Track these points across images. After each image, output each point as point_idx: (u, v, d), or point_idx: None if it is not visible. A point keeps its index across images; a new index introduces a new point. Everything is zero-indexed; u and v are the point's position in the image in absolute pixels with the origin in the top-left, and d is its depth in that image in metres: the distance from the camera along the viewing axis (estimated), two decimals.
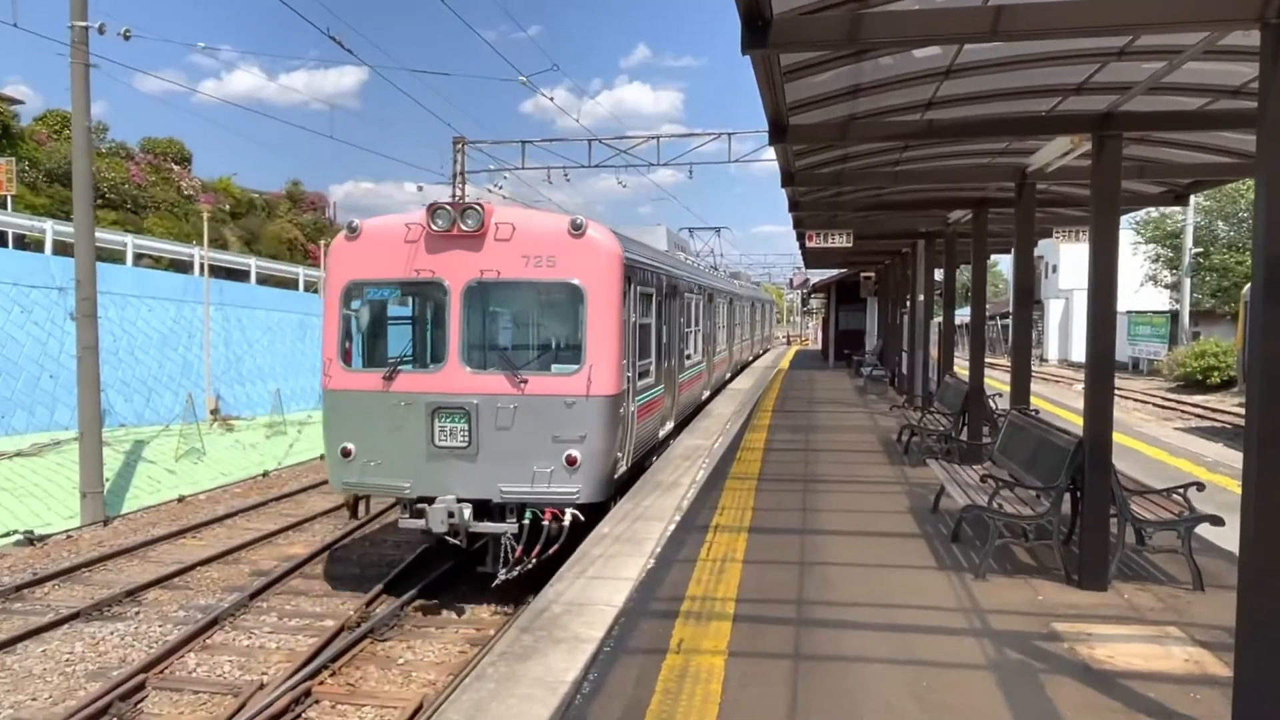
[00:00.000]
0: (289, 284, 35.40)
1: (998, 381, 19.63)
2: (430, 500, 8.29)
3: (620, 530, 7.44)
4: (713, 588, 5.96)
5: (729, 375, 21.06)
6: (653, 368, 10.63)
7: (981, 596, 5.83)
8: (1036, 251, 38.93)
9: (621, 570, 6.36)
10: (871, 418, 15.16)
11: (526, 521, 8.26)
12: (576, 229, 8.34)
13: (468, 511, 8.16)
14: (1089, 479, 5.94)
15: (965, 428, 10.67)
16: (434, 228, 8.36)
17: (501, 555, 8.27)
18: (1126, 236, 40.01)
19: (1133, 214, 36.20)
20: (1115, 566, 6.08)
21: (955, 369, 12.89)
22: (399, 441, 8.38)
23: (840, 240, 13.57)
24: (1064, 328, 46.97)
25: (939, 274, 20.43)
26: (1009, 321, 9.64)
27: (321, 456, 19.01)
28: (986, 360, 12.25)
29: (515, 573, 8.22)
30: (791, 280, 64.41)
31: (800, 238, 15.29)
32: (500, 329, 8.95)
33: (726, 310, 20.03)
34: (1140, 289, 41.94)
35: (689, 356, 13.93)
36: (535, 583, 7.46)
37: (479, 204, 8.43)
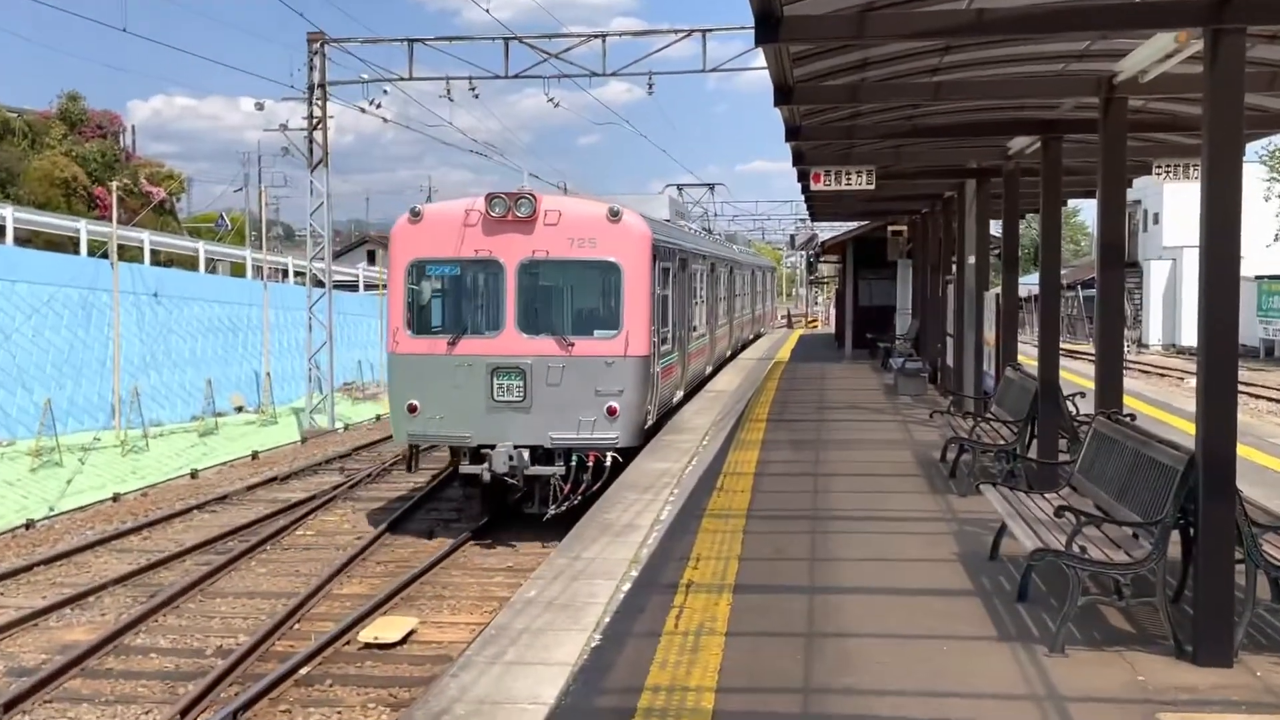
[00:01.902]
0: (65, 245, 34.54)
1: (1078, 376, 19.96)
2: (490, 447, 13.60)
3: (553, 593, 7.40)
4: (684, 673, 5.96)
5: (729, 353, 27.26)
6: (669, 336, 16.35)
7: (1060, 678, 5.91)
8: (1131, 194, 39.41)
9: (554, 651, 6.33)
10: (905, 428, 15.30)
11: (573, 464, 13.62)
12: (614, 215, 13.94)
13: (526, 455, 13.55)
14: (1205, 510, 6.05)
15: (1034, 441, 10.84)
16: (491, 213, 13.81)
17: (550, 495, 13.60)
18: (1254, 174, 41.01)
19: (1262, 140, 37.12)
20: (1244, 632, 6.20)
21: (1020, 359, 13.08)
22: (461, 397, 13.79)
23: (858, 181, 13.66)
24: (1170, 300, 47.92)
25: (996, 227, 20.72)
26: (1093, 292, 9.78)
27: (115, 497, 18.68)
28: (1063, 346, 12.42)
29: (563, 508, 13.37)
30: (793, 238, 64.85)
31: (803, 177, 15.36)
32: (550, 300, 14.46)
33: (727, 280, 25.98)
34: (1275, 245, 43.03)
35: (695, 328, 19.69)
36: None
37: (531, 193, 14.02)
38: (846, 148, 13.83)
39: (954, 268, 18.15)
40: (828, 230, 53.03)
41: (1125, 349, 35.57)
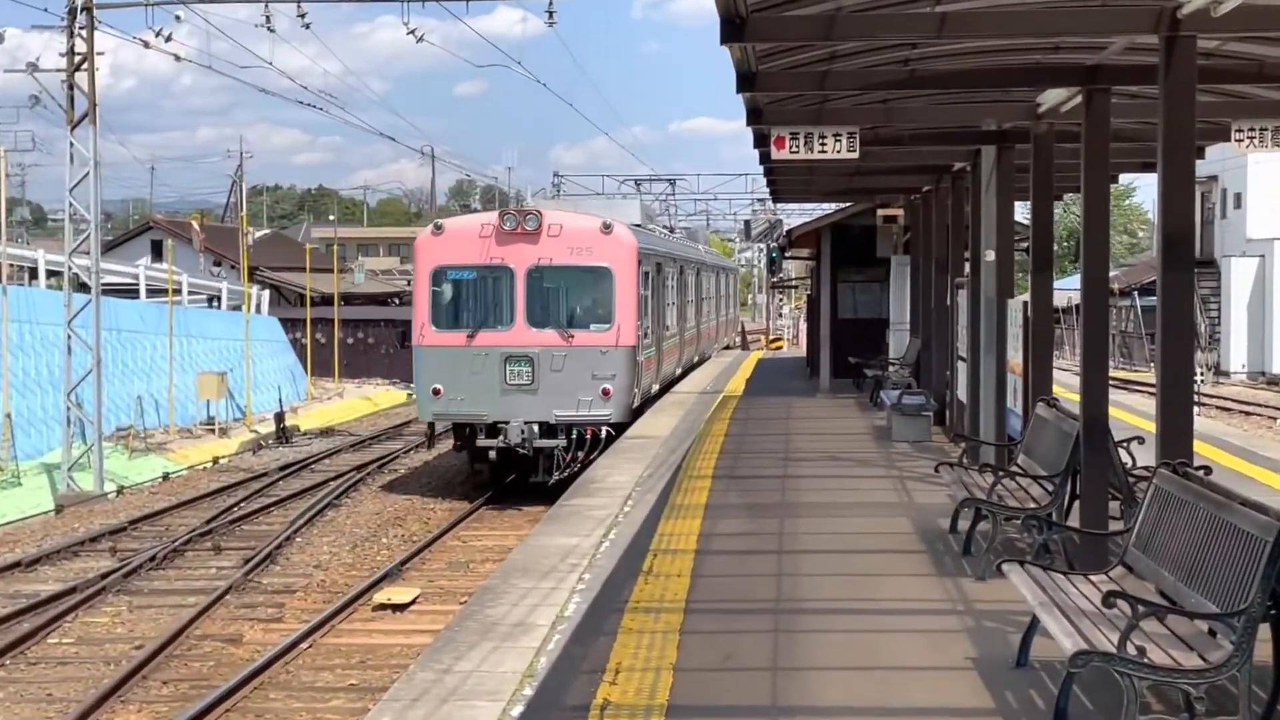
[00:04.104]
0: None
1: (1134, 414, 20.31)
2: (504, 423, 22.51)
3: None
4: None
5: (696, 359, 37.71)
6: (649, 332, 25.94)
7: None
8: (1204, 168, 39.37)
9: None
10: (901, 486, 15.45)
11: (574, 437, 22.57)
12: (607, 228, 23.63)
13: (536, 428, 22.50)
14: None
15: (1075, 503, 11.00)
16: (503, 227, 23.20)
17: (554, 463, 22.60)
18: None
19: None
20: None
21: (1055, 391, 13.29)
22: (478, 382, 22.84)
23: (836, 147, 13.82)
24: (1257, 310, 48.81)
25: (1023, 212, 20.98)
26: (1154, 300, 9.94)
27: None
28: (1114, 374, 12.58)
29: (566, 474, 21.43)
30: (747, 225, 65.35)
31: (761, 142, 15.51)
32: (553, 299, 23.81)
33: (694, 282, 36.61)
34: None
35: (668, 328, 30.10)
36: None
37: (537, 210, 24.21)
38: (819, 102, 13.97)
39: (967, 267, 18.41)
40: (796, 215, 53.41)
41: (1198, 377, 36.17)
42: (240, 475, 28.86)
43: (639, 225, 28.84)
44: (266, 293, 55.89)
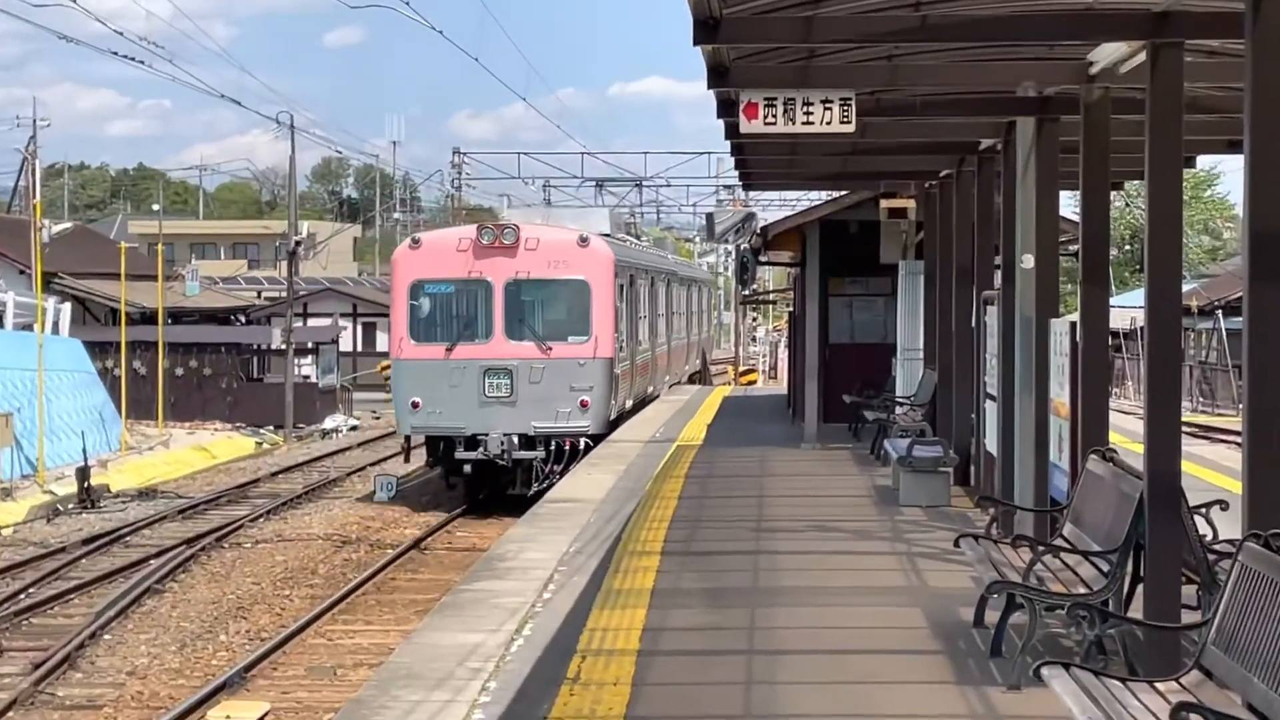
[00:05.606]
0: None
1: (1215, 472, 20.45)
2: (484, 435, 31.90)
3: None
4: None
5: (669, 381, 46.83)
6: (624, 344, 36.77)
7: None
8: None
9: None
10: (910, 565, 15.51)
11: (552, 449, 32.63)
12: (583, 241, 33.88)
13: (515, 440, 31.90)
14: None
15: (1137, 586, 11.06)
16: (481, 241, 33.05)
17: (533, 474, 32.25)
18: None
19: None
20: None
21: (1112, 440, 13.40)
22: (457, 395, 32.42)
23: (826, 117, 13.90)
24: None
25: (1071, 204, 21.09)
26: (1240, 321, 9.94)
27: None
28: (1190, 418, 12.52)
29: (545, 484, 29.08)
30: (710, 220, 65.41)
31: (727, 110, 15.56)
32: (531, 312, 34.28)
33: (665, 295, 45.87)
34: None
35: (640, 343, 39.62)
36: None
37: (515, 225, 34.29)
38: (804, 57, 14.05)
39: (998, 276, 18.51)
40: (775, 207, 53.64)
41: None
42: (29, 551, 28.60)
43: (609, 235, 37.76)
44: (67, 306, 55.46)
